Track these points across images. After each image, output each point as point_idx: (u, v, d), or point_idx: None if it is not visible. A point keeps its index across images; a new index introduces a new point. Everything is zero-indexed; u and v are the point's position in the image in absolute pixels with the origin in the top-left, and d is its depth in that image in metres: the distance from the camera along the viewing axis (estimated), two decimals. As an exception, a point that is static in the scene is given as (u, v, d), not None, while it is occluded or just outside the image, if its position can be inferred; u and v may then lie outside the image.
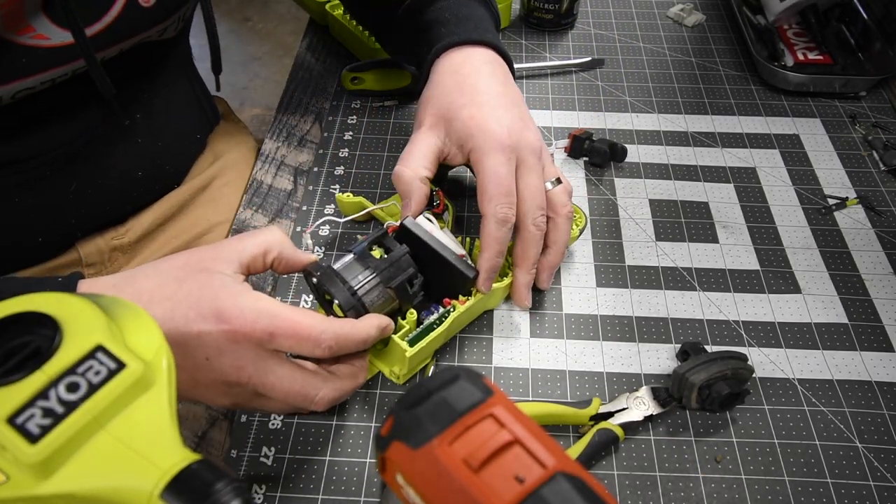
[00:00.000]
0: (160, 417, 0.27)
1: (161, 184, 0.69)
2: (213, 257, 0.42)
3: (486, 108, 0.52)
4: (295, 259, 0.46)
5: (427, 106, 0.55)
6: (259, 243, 0.44)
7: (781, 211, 0.65)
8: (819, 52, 0.79)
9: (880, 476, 0.47)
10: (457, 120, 0.52)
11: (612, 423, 0.48)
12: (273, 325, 0.40)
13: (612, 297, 0.58)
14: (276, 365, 0.41)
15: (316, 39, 0.85)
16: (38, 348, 0.27)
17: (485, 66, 0.55)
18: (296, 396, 0.42)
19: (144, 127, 0.65)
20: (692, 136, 0.72)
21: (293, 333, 0.40)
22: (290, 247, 0.46)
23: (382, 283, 0.47)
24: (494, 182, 0.50)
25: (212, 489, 0.25)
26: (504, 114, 0.52)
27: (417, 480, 0.27)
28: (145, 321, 0.30)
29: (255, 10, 2.52)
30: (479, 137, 0.51)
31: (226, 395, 0.42)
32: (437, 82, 0.55)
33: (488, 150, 0.50)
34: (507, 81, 0.56)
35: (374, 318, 0.45)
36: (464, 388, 0.29)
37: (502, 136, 0.50)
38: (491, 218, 0.50)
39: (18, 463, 0.25)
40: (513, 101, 0.54)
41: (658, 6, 0.90)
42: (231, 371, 0.40)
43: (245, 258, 0.43)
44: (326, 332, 0.41)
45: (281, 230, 0.46)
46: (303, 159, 0.70)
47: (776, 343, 0.55)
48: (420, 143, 0.53)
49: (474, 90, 0.53)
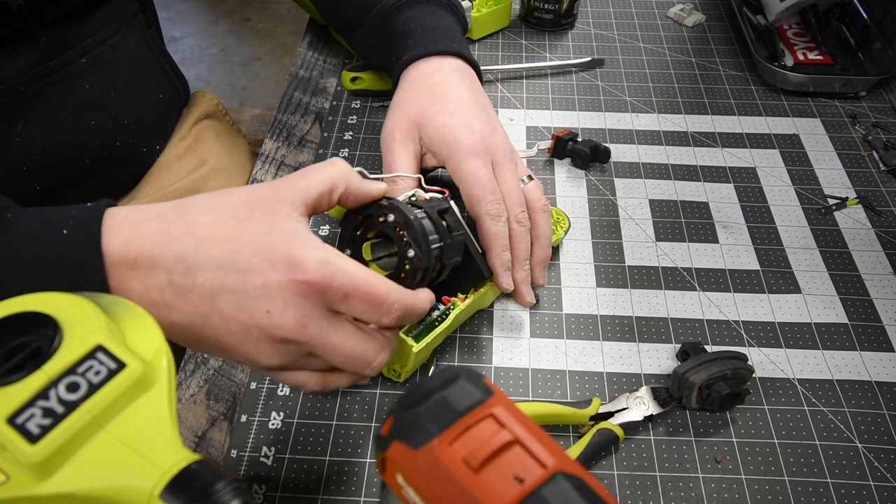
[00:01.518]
0: (160, 417, 0.27)
1: (124, 142, 0.67)
2: (277, 197, 0.38)
3: (457, 115, 0.54)
4: (366, 191, 0.42)
5: (398, 112, 0.56)
6: (324, 180, 0.40)
7: (781, 211, 0.65)
8: (819, 52, 0.79)
9: (880, 476, 0.47)
10: (430, 126, 0.54)
11: (612, 423, 0.48)
12: (351, 285, 0.36)
13: (612, 297, 0.58)
14: (339, 325, 0.38)
15: (316, 39, 0.85)
16: (38, 348, 0.27)
17: (453, 75, 0.57)
18: (356, 360, 0.39)
19: (92, 74, 0.63)
20: (692, 136, 0.72)
21: (369, 297, 0.37)
22: (357, 178, 0.42)
23: (441, 256, 0.45)
24: (478, 184, 0.51)
25: (212, 489, 0.25)
26: (474, 120, 0.54)
27: (417, 480, 0.27)
28: (145, 321, 0.30)
29: (255, 10, 2.53)
30: (452, 144, 0.53)
31: (277, 354, 0.38)
32: (408, 90, 0.57)
33: (464, 156, 0.52)
34: (475, 88, 0.58)
35: (427, 293, 0.43)
36: (464, 388, 0.29)
37: (475, 142, 0.53)
38: (485, 217, 0.51)
39: (18, 463, 0.25)
40: (482, 108, 0.56)
41: (658, 6, 0.90)
42: (293, 327, 0.36)
43: (311, 198, 0.39)
44: (399, 302, 0.38)
45: (344, 163, 0.42)
46: (303, 159, 0.70)
47: (776, 343, 0.55)
48: (399, 152, 0.55)
49: (445, 98, 0.55)
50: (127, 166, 0.70)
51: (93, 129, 0.64)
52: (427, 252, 0.42)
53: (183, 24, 2.48)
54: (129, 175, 0.72)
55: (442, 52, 0.59)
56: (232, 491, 0.26)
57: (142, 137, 0.70)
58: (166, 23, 2.47)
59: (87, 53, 0.63)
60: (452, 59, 0.59)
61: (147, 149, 0.71)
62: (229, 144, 0.82)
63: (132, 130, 0.68)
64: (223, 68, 2.31)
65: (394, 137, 0.56)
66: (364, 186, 0.42)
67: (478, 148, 0.53)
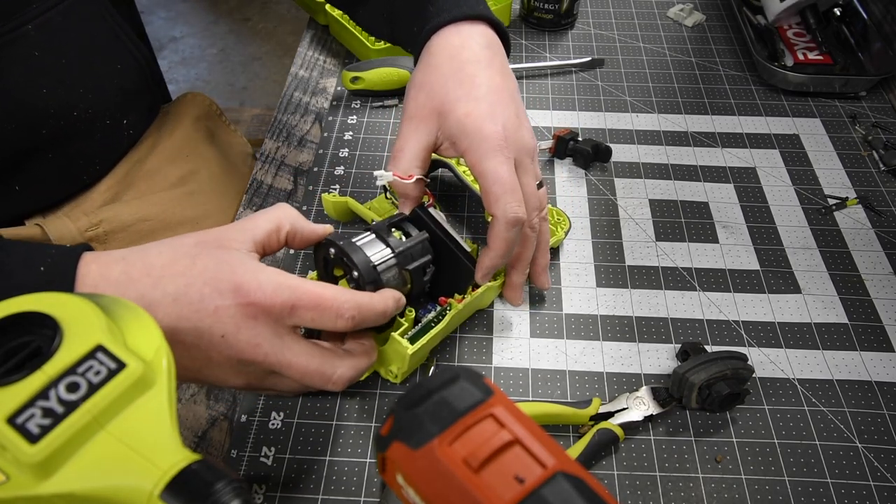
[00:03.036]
0: (160, 417, 0.27)
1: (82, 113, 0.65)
2: (227, 236, 0.41)
3: (484, 103, 0.49)
4: (310, 231, 0.45)
5: (419, 93, 0.51)
6: (271, 219, 0.43)
7: (781, 211, 0.65)
8: (819, 52, 0.79)
9: (880, 476, 0.47)
10: (452, 115, 0.50)
11: (612, 423, 0.48)
12: (295, 297, 0.39)
13: (612, 297, 0.58)
14: (294, 342, 0.41)
15: (316, 39, 0.85)
16: (38, 348, 0.27)
17: (484, 52, 0.52)
18: (313, 375, 0.41)
19: (41, 41, 0.62)
20: (692, 136, 0.72)
21: (315, 304, 0.40)
22: (302, 220, 0.45)
23: (399, 264, 0.47)
24: (498, 183, 0.48)
25: (211, 489, 0.25)
26: (502, 111, 0.50)
27: (418, 480, 0.27)
28: (145, 321, 0.30)
29: (255, 10, 2.53)
30: (475, 137, 0.49)
31: (239, 375, 0.41)
32: (433, 66, 0.52)
33: (486, 150, 0.49)
34: (505, 70, 0.53)
35: (390, 292, 0.45)
36: (464, 388, 0.29)
37: (499, 137, 0.49)
38: (501, 219, 0.48)
39: (18, 463, 0.25)
40: (511, 95, 0.51)
41: (658, 6, 0.90)
42: (247, 348, 0.39)
43: (259, 235, 0.42)
44: (349, 302, 0.41)
45: (290, 207, 0.45)
46: (303, 159, 0.70)
47: (776, 343, 0.55)
48: (412, 139, 0.51)
49: (472, 82, 0.50)
50: (91, 139, 0.68)
51: (45, 98, 0.63)
52: (367, 271, 0.45)
53: (183, 24, 2.48)
54: (99, 150, 0.70)
55: (469, 18, 0.53)
56: (232, 491, 0.26)
57: (102, 109, 0.68)
58: (166, 23, 2.47)
59: (35, 19, 0.61)
60: (483, 28, 0.53)
61: (111, 121, 0.69)
62: (225, 146, 0.82)
63: (89, 100, 0.66)
64: (223, 68, 2.31)
65: (410, 122, 0.51)
66: (310, 228, 0.46)
67: (501, 143, 0.48)
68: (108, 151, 0.72)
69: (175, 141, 0.78)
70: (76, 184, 0.70)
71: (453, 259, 0.50)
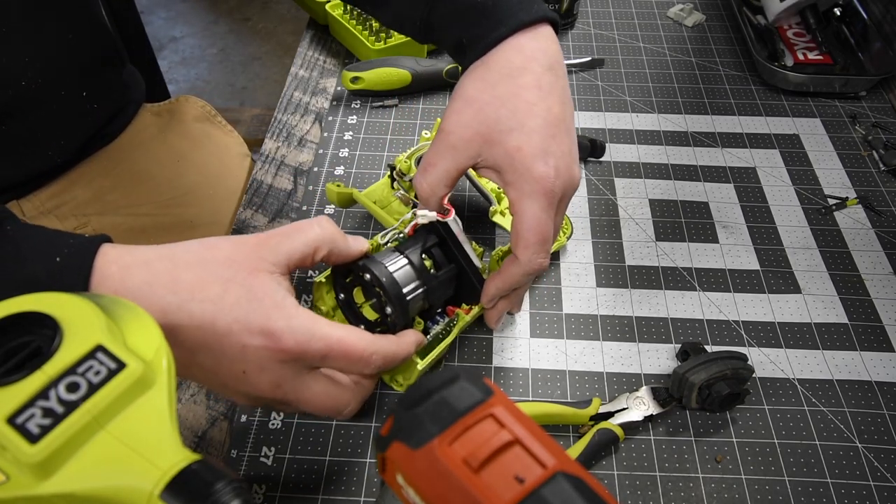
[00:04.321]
0: (160, 417, 0.27)
1: (31, 82, 0.63)
2: (262, 255, 0.39)
3: (537, 138, 0.44)
4: (347, 252, 0.44)
5: (466, 108, 0.45)
6: (309, 242, 0.41)
7: (781, 211, 0.65)
8: (819, 52, 0.79)
9: (880, 476, 0.47)
10: (500, 146, 0.44)
11: (612, 423, 0.48)
12: (326, 348, 0.38)
13: (612, 297, 0.58)
14: (313, 381, 0.40)
15: (316, 39, 0.85)
16: (38, 348, 0.27)
17: (546, 77, 0.46)
18: (328, 410, 0.41)
19: None
20: (692, 136, 0.72)
21: (345, 356, 0.39)
22: (341, 240, 0.43)
23: (427, 298, 0.47)
24: (535, 231, 0.44)
25: (211, 489, 0.25)
26: (556, 148, 0.44)
27: (418, 480, 0.27)
28: (145, 321, 0.30)
29: (255, 10, 2.53)
30: (522, 174, 0.44)
31: (248, 400, 0.41)
32: (488, 84, 0.45)
33: (531, 192, 0.44)
34: (566, 96, 0.47)
35: (412, 335, 0.45)
36: (464, 388, 0.29)
37: (549, 180, 0.44)
38: (524, 266, 0.45)
39: (18, 463, 0.25)
40: (567, 128, 0.46)
41: (658, 6, 0.90)
42: (267, 387, 0.39)
43: (294, 259, 0.40)
44: (377, 354, 0.40)
45: (331, 223, 0.43)
46: (303, 159, 0.70)
47: (776, 343, 0.55)
48: (447, 158, 0.46)
49: (529, 112, 0.44)
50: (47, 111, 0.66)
51: None
52: (402, 310, 0.45)
53: (183, 24, 2.48)
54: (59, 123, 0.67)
55: (532, 22, 0.46)
56: (232, 491, 0.26)
57: (54, 79, 0.65)
58: (166, 23, 2.47)
59: None
60: (544, 36, 0.47)
61: (66, 92, 0.67)
62: (221, 147, 0.82)
63: (37, 69, 0.63)
64: (223, 68, 2.31)
65: (448, 138, 0.45)
66: (347, 248, 0.43)
67: (550, 187, 0.44)
68: (71, 125, 0.69)
69: (168, 144, 0.78)
70: (43, 159, 0.68)
71: (465, 278, 0.50)
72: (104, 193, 0.72)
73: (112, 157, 0.74)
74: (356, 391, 0.43)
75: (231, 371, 0.38)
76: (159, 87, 1.18)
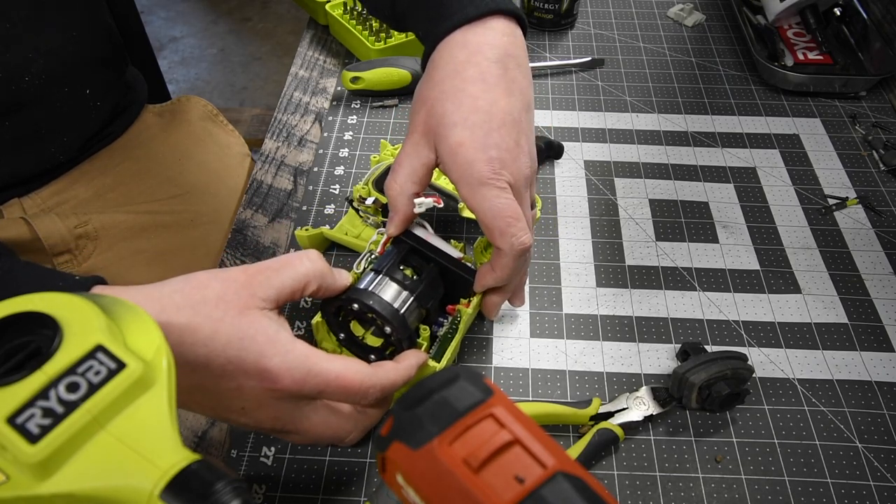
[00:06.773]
0: (160, 417, 0.27)
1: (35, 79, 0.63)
2: (252, 292, 0.39)
3: (479, 131, 0.44)
4: (335, 287, 0.44)
5: (421, 108, 0.47)
6: (299, 278, 0.41)
7: (781, 211, 0.65)
8: (819, 52, 0.79)
9: (880, 476, 0.47)
10: (444, 143, 0.45)
11: (612, 423, 0.48)
12: (324, 383, 0.38)
13: (612, 297, 0.58)
14: (312, 412, 0.40)
15: (316, 39, 0.85)
16: (38, 348, 0.27)
17: (492, 69, 0.46)
18: (329, 439, 0.42)
19: None
20: (692, 136, 0.72)
21: (342, 390, 0.39)
22: (329, 275, 0.43)
23: (420, 306, 0.47)
24: (499, 216, 0.44)
25: (211, 489, 0.25)
26: (500, 139, 0.44)
27: (417, 480, 0.27)
28: (145, 321, 0.30)
29: (255, 10, 2.53)
30: (465, 169, 0.44)
31: (253, 429, 0.41)
32: (435, 82, 0.47)
33: (476, 184, 0.44)
34: (514, 87, 0.46)
35: (412, 358, 0.44)
36: (464, 388, 0.29)
37: (491, 170, 0.44)
38: (509, 252, 0.45)
39: (18, 463, 0.25)
40: (513, 120, 0.45)
41: (658, 6, 0.90)
42: (266, 420, 0.39)
43: (285, 294, 0.40)
44: (375, 387, 0.40)
45: (320, 257, 0.43)
46: (303, 159, 0.70)
47: (776, 343, 0.55)
48: (410, 155, 0.47)
49: (473, 106, 0.45)
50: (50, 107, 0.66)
51: None
52: (401, 325, 0.45)
53: (183, 24, 2.48)
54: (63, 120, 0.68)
55: (479, 16, 0.46)
56: (232, 491, 0.26)
57: (57, 75, 0.65)
58: (166, 23, 2.47)
59: None
60: (497, 28, 0.47)
61: (70, 89, 0.67)
62: (222, 146, 0.82)
63: (41, 65, 0.63)
64: (223, 68, 2.31)
65: (411, 137, 0.47)
66: (334, 283, 0.44)
67: (492, 176, 0.44)
68: (74, 122, 0.69)
69: (171, 142, 0.78)
70: (46, 156, 0.68)
71: (451, 274, 0.50)
72: (105, 191, 0.72)
73: (114, 155, 0.74)
74: (358, 420, 0.42)
75: (230, 408, 0.38)
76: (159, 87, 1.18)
